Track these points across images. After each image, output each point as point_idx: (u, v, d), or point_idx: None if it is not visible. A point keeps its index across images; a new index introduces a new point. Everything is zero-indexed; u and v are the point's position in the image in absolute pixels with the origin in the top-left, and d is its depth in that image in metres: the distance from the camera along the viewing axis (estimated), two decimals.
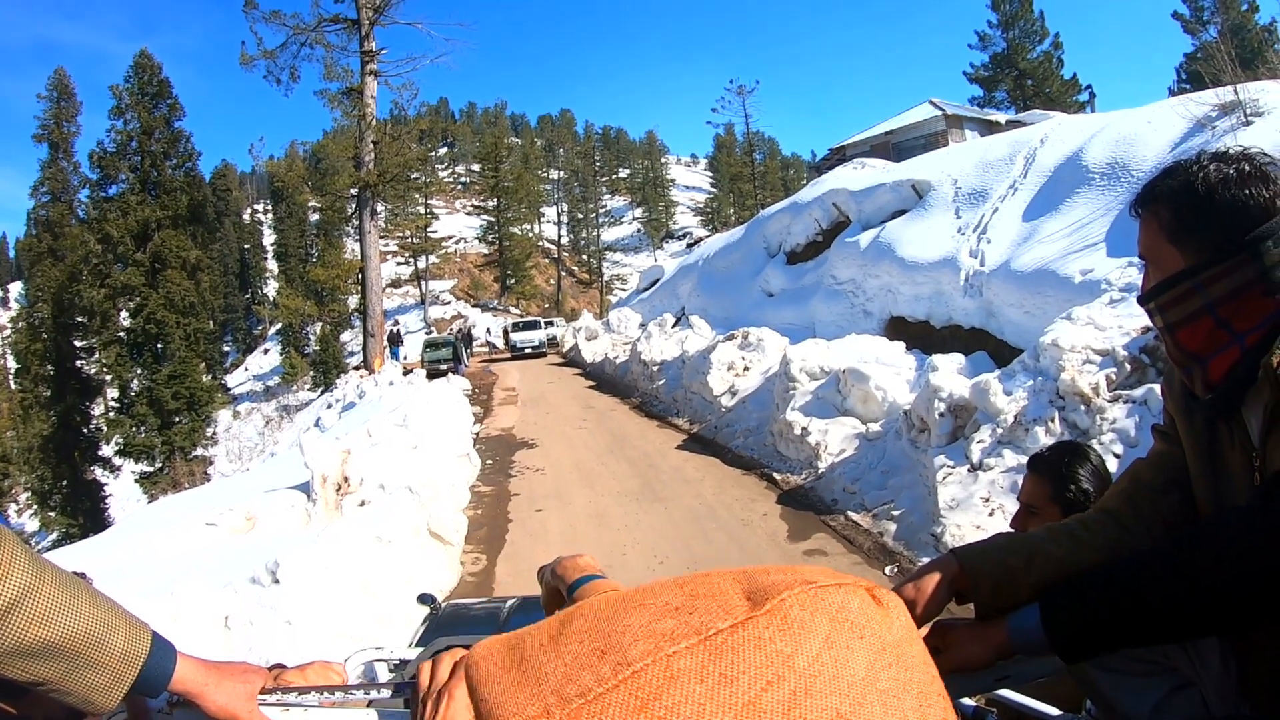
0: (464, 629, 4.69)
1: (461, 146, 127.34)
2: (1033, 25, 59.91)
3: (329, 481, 10.31)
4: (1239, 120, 13.81)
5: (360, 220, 34.57)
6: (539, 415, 21.95)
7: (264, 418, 52.90)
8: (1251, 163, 1.44)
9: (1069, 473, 2.46)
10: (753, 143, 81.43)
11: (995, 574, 1.54)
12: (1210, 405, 1.50)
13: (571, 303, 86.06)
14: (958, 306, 16.46)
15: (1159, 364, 9.45)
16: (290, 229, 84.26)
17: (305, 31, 32.81)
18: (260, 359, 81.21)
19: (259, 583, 7.02)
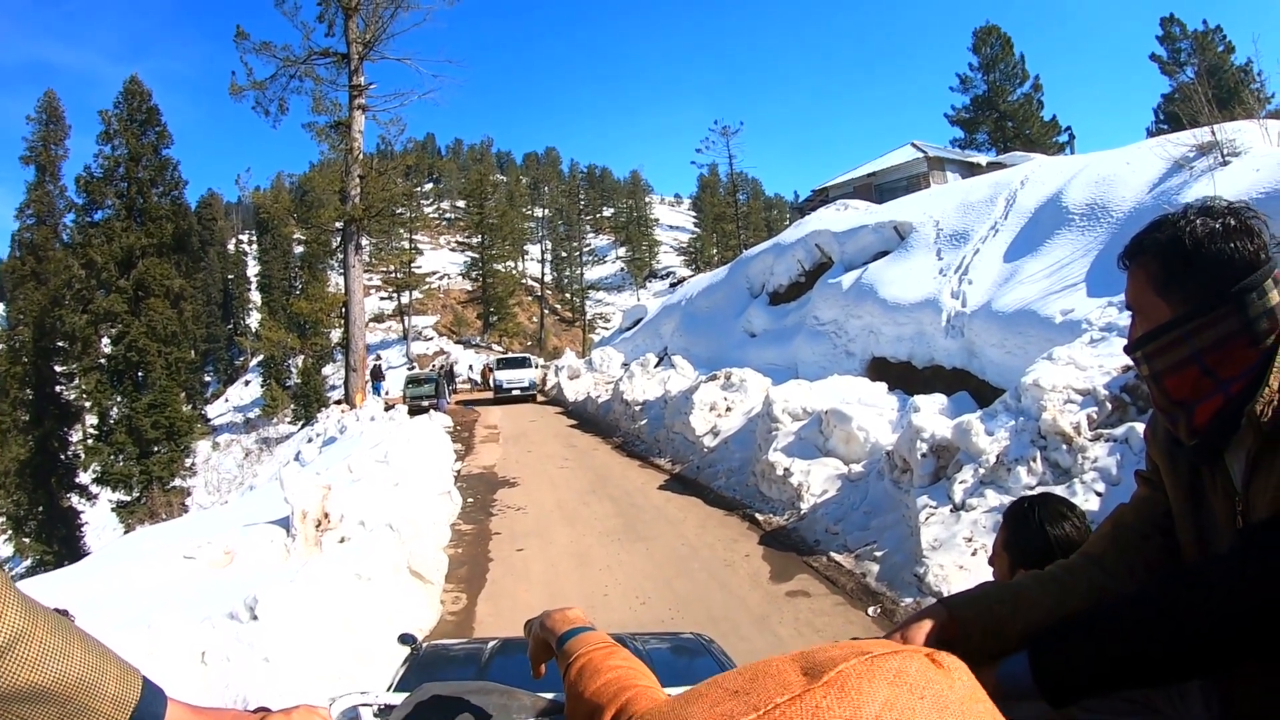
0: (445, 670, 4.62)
1: (447, 182, 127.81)
2: (1013, 68, 60.78)
3: (309, 517, 10.23)
4: (1216, 160, 13.94)
5: (345, 254, 34.56)
6: (521, 453, 21.87)
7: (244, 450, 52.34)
8: (1237, 217, 1.51)
9: (1011, 522, 2.51)
10: (736, 183, 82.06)
11: (984, 622, 1.57)
12: (1195, 451, 1.55)
13: (554, 341, 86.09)
14: (940, 347, 16.51)
15: (1139, 402, 9.52)
16: (275, 261, 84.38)
17: (295, 64, 33.04)
18: (241, 390, 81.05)
19: (237, 619, 6.93)
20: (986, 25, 61.79)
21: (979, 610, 1.58)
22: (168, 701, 1.24)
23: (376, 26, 33.52)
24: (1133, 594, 1.55)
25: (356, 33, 33.18)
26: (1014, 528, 2.48)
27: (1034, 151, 42.80)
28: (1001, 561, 2.51)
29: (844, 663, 0.65)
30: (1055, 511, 2.45)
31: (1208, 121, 15.14)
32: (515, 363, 43.35)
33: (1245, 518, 1.47)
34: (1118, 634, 1.43)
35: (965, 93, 62.30)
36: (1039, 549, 2.33)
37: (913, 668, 0.66)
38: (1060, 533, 2.37)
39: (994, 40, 61.20)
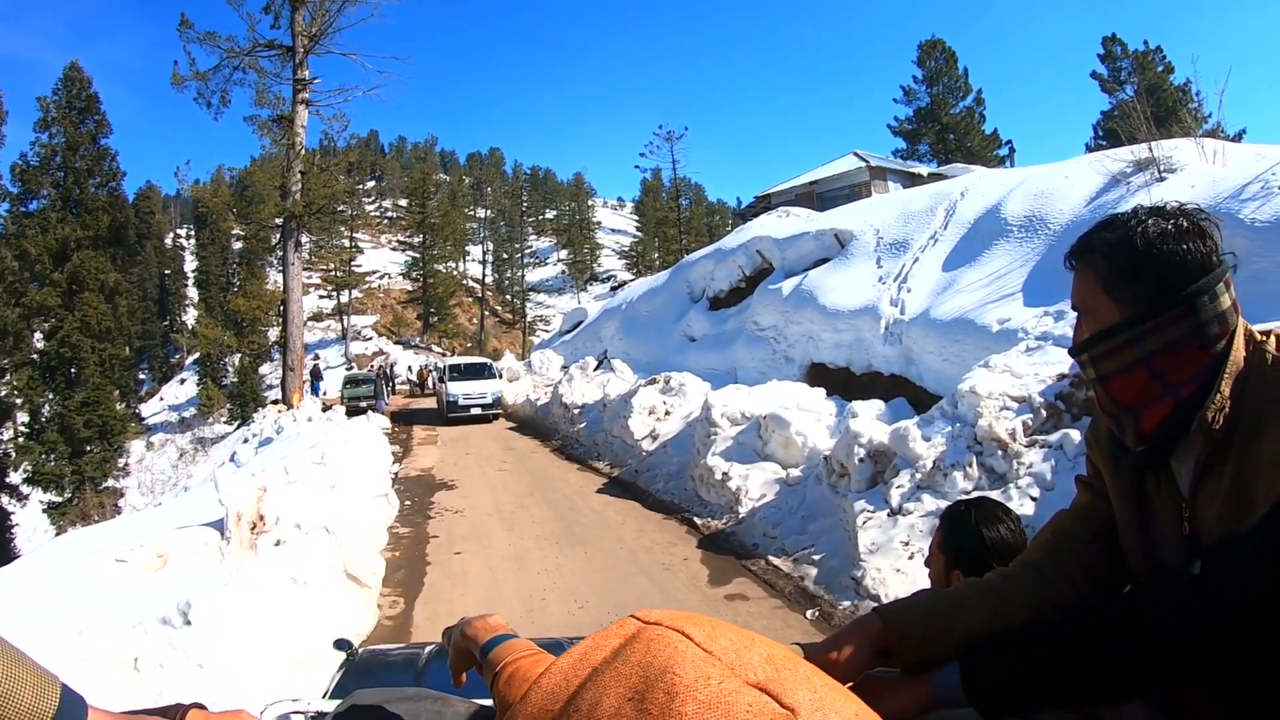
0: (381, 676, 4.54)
1: (389, 180, 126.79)
2: (956, 82, 61.62)
3: (244, 519, 10.05)
4: (1153, 176, 14.19)
5: (284, 251, 34.11)
6: (459, 456, 21.72)
7: (178, 450, 51.46)
8: (1189, 218, 1.48)
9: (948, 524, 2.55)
10: (679, 188, 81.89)
11: (921, 632, 1.55)
12: (1141, 456, 1.54)
13: (494, 343, 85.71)
14: (878, 354, 16.65)
15: (1074, 410, 9.65)
16: (212, 256, 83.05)
17: (239, 55, 32.61)
18: (176, 389, 79.62)
19: (170, 624, 6.79)
20: (932, 39, 62.72)
21: (916, 619, 1.56)
22: (88, 710, 1.18)
23: (323, 20, 33.22)
24: (1071, 608, 1.53)
25: (302, 25, 32.85)
26: (950, 530, 2.51)
27: (974, 164, 43.37)
28: (938, 562, 2.53)
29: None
30: (990, 515, 2.49)
31: (1146, 138, 15.42)
32: (472, 371, 32.76)
33: (1191, 525, 1.47)
34: (1052, 648, 1.42)
35: (909, 104, 63.12)
36: (974, 551, 2.38)
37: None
38: (995, 535, 2.41)
39: (939, 54, 61.98)
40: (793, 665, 0.60)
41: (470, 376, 32.07)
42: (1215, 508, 1.42)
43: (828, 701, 0.56)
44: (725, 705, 0.53)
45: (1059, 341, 11.52)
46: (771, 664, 0.59)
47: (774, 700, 0.54)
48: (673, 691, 0.55)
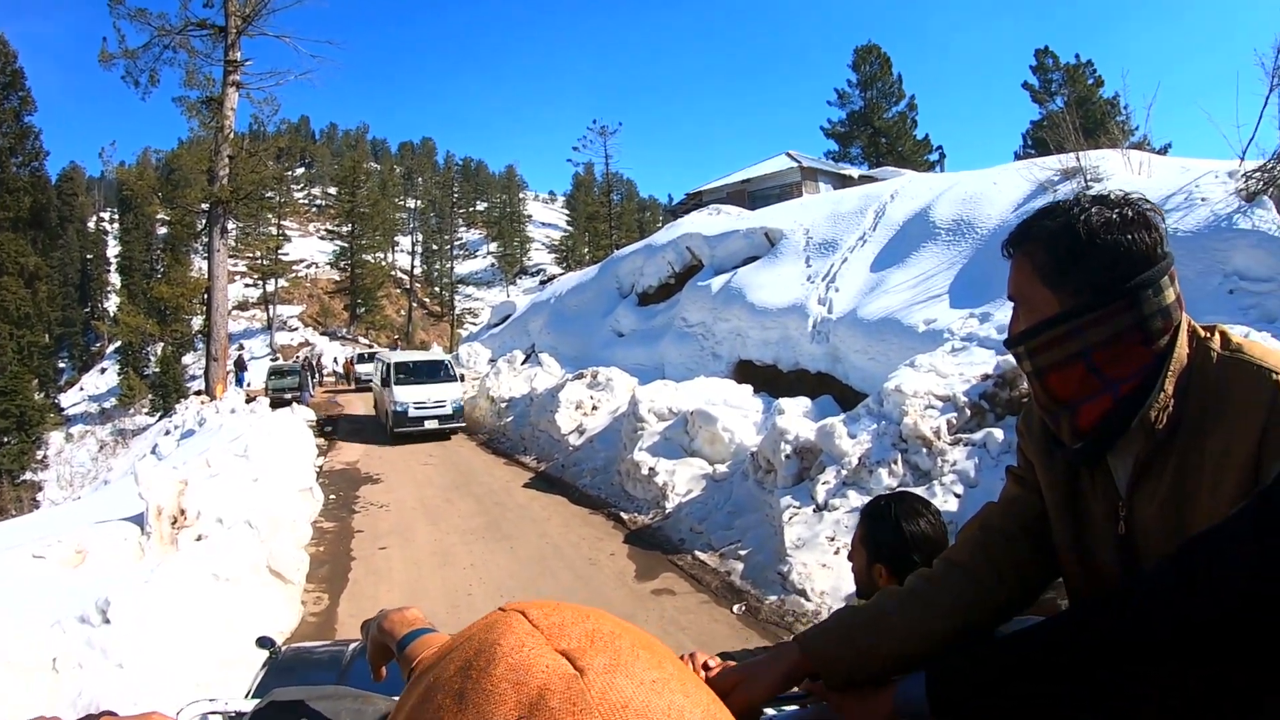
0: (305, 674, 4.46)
1: (319, 168, 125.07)
2: (890, 87, 62.51)
3: (164, 514, 9.86)
4: (1080, 185, 14.47)
5: (210, 237, 33.48)
6: (384, 449, 21.58)
7: (98, 442, 50.10)
8: (1135, 208, 1.43)
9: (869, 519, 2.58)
10: (611, 183, 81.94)
11: (847, 655, 1.50)
12: (1078, 453, 1.49)
13: (422, 335, 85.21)
14: (805, 352, 16.77)
15: (997, 409, 9.83)
16: (137, 241, 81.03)
17: (170, 34, 31.90)
18: (97, 378, 77.68)
19: (88, 622, 6.65)
20: (868, 44, 63.57)
21: (839, 646, 1.51)
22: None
23: (257, 1, 32.62)
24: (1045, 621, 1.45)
25: (236, 6, 32.26)
26: (871, 524, 2.54)
27: (905, 168, 43.98)
28: (859, 556, 2.56)
29: None
30: (910, 509, 2.51)
31: (1074, 148, 15.75)
32: (425, 372, 25.76)
33: (1128, 524, 1.44)
34: (1019, 658, 1.37)
35: (842, 107, 63.85)
36: (894, 544, 2.41)
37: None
38: (915, 529, 2.43)
39: (874, 59, 62.78)
40: (610, 639, 0.63)
41: (423, 379, 25.01)
42: (1154, 507, 1.40)
43: (623, 666, 0.60)
44: (527, 666, 0.58)
45: (984, 342, 11.70)
46: (589, 637, 0.62)
47: (570, 663, 0.59)
48: (491, 657, 0.60)
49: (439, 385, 24.71)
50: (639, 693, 0.57)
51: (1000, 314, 12.38)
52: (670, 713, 0.57)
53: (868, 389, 13.03)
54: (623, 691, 0.57)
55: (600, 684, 0.57)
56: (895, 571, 2.33)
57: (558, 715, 0.54)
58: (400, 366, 25.41)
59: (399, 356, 27.53)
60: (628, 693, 0.57)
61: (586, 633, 0.63)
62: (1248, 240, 10.66)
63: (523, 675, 0.58)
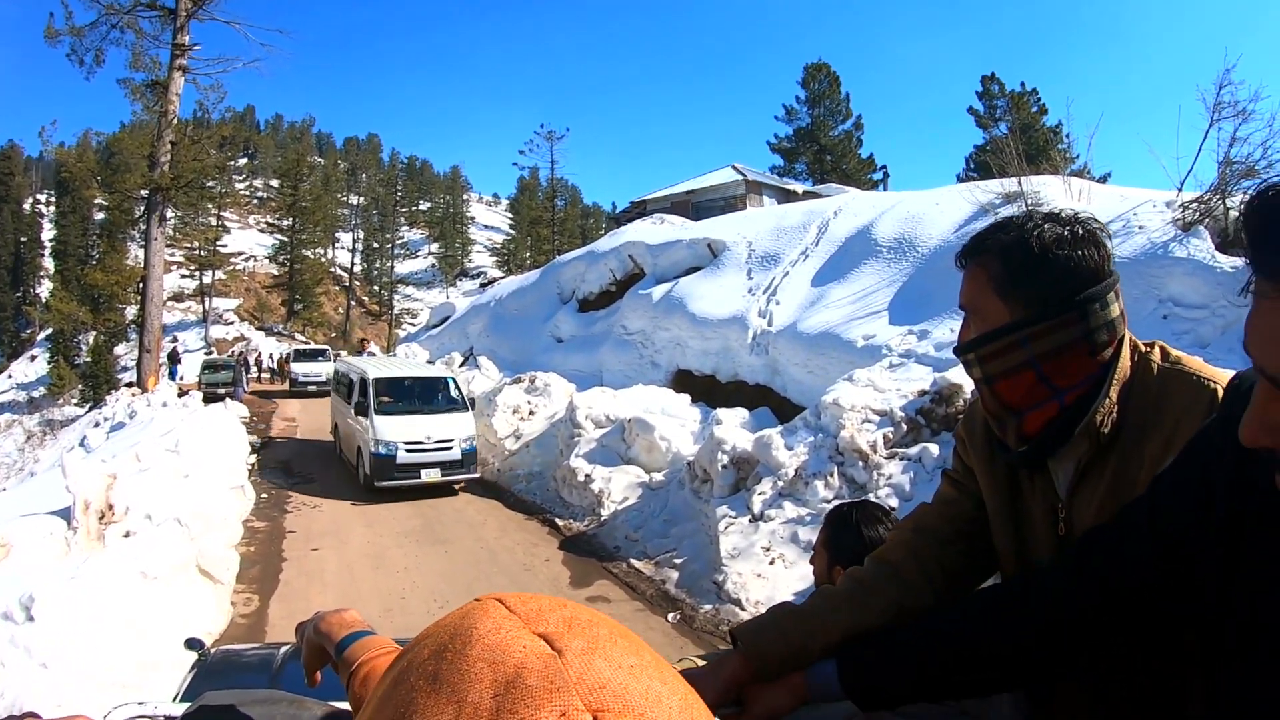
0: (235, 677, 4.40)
1: (262, 159, 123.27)
2: (838, 105, 62.96)
3: (92, 508, 9.66)
4: (1020, 209, 14.66)
5: (148, 225, 32.65)
6: (319, 449, 21.28)
7: (25, 432, 49.01)
8: (1084, 226, 1.51)
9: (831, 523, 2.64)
10: (556, 188, 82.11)
11: (780, 652, 1.55)
12: (1022, 457, 1.55)
13: (359, 333, 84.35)
14: (744, 363, 16.86)
15: (933, 425, 9.97)
16: (73, 225, 79.37)
17: (118, 13, 31.00)
18: (26, 366, 75.91)
19: (11, 619, 6.51)
20: (818, 62, 63.85)
21: (774, 643, 1.56)
22: None
23: None
24: (948, 606, 1.55)
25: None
26: (833, 529, 2.61)
27: (849, 185, 44.35)
28: (820, 559, 2.62)
29: None
30: (871, 515, 2.59)
31: (1016, 173, 16.02)
32: (420, 394, 17.97)
33: (1067, 525, 1.50)
34: (926, 640, 1.44)
35: (789, 123, 64.11)
36: (854, 548, 2.44)
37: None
38: (874, 534, 2.49)
39: (822, 77, 63.19)
40: (588, 625, 0.63)
41: (418, 406, 17.37)
42: (1093, 509, 1.45)
43: (601, 649, 0.59)
44: (504, 648, 0.58)
45: (922, 359, 11.87)
46: (566, 623, 0.62)
47: (548, 644, 0.58)
48: (467, 639, 0.60)
49: (442, 416, 16.99)
50: (617, 675, 0.57)
51: (938, 331, 12.56)
52: (648, 696, 0.57)
53: (806, 402, 13.13)
54: (601, 673, 0.56)
55: (579, 664, 0.56)
56: None
57: (535, 693, 0.54)
58: (382, 385, 17.37)
59: (381, 369, 18.63)
60: (606, 674, 0.56)
61: (564, 619, 0.62)
62: (1183, 268, 10.96)
63: (499, 655, 0.57)
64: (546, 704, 0.53)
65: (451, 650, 0.59)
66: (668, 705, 0.57)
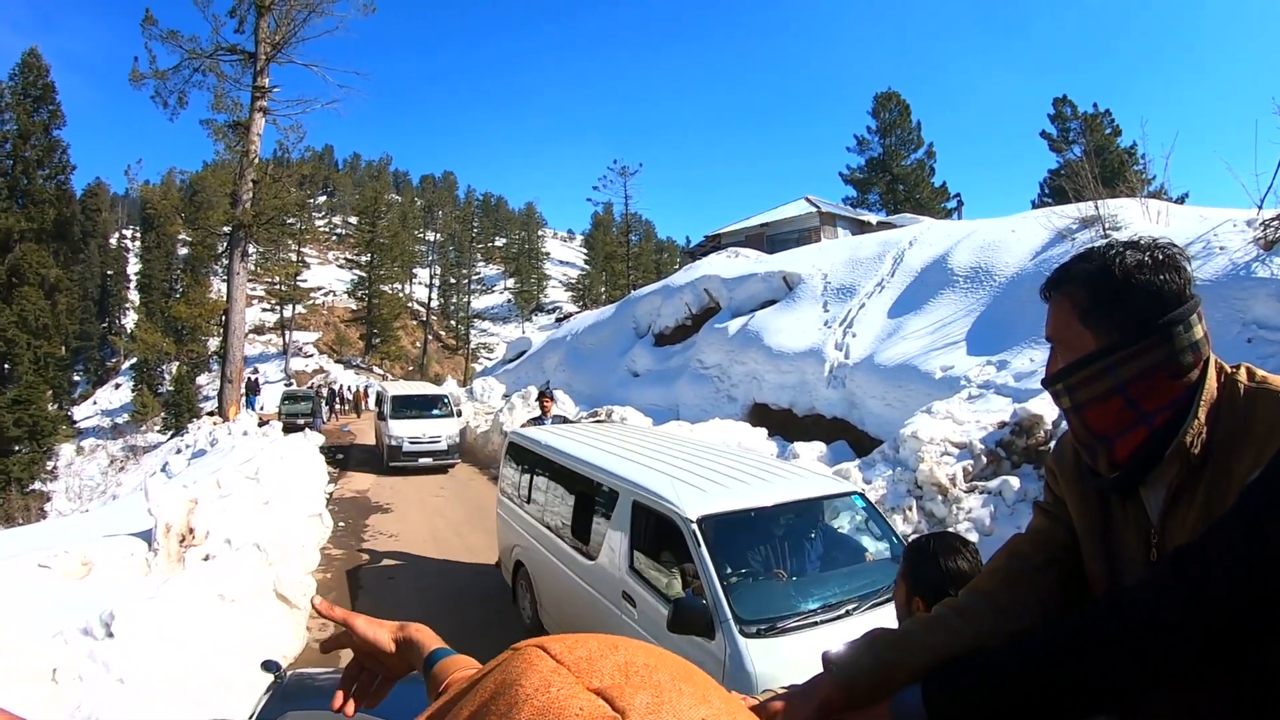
0: (308, 701, 4.42)
1: (341, 197, 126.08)
2: (909, 134, 62.54)
3: (173, 531, 9.86)
4: (1098, 233, 14.48)
5: (230, 260, 33.64)
6: (396, 479, 21.47)
7: (109, 457, 50.02)
8: (1164, 251, 1.50)
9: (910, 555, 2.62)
10: (630, 223, 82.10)
11: (870, 671, 1.54)
12: (1114, 484, 1.54)
13: (436, 368, 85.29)
14: (821, 396, 16.73)
15: (1013, 457, 9.77)
16: (157, 260, 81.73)
17: (200, 57, 32.35)
18: (111, 393, 77.96)
19: (91, 635, 6.61)
20: (887, 91, 63.72)
21: (865, 659, 1.55)
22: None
23: (288, 28, 33.10)
24: (1037, 628, 1.52)
25: (266, 32, 32.69)
26: (912, 560, 2.59)
27: (923, 214, 43.95)
28: (900, 590, 2.59)
29: None
30: (949, 546, 2.57)
31: (1092, 197, 15.78)
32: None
33: (1159, 550, 1.47)
34: (1015, 666, 1.41)
35: (861, 154, 63.99)
36: (933, 580, 2.45)
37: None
38: (953, 565, 2.48)
39: (893, 106, 62.93)
40: (647, 673, 0.58)
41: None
42: (1186, 531, 1.42)
43: (667, 705, 0.54)
44: (558, 709, 0.53)
45: (1001, 390, 11.67)
46: (623, 671, 0.58)
47: (608, 704, 0.53)
48: (514, 700, 0.55)
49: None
50: None
51: (1018, 361, 12.36)
52: None
53: (883, 435, 13.02)
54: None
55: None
56: (932, 606, 2.33)
57: None
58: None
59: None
60: None
61: (619, 666, 0.58)
62: (1266, 289, 10.66)
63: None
64: None
65: (495, 714, 0.55)
66: None
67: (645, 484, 6.63)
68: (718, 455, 7.72)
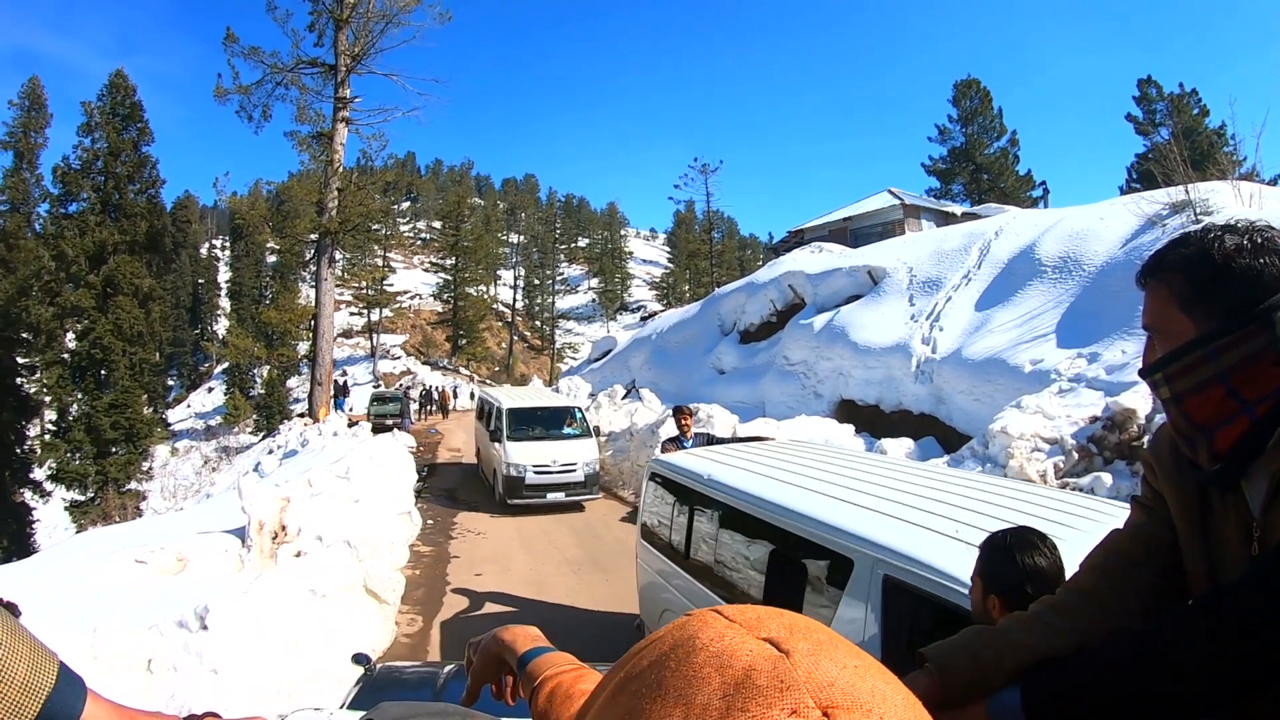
0: (398, 693, 4.50)
1: (424, 202, 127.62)
2: (991, 122, 61.38)
3: (265, 529, 10.07)
4: (1189, 219, 14.15)
5: (317, 266, 34.57)
6: (482, 478, 21.62)
7: (202, 457, 51.22)
8: (1263, 234, 1.43)
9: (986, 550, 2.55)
10: (712, 221, 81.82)
11: (968, 668, 1.53)
12: (1216, 476, 1.48)
13: (522, 368, 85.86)
14: (908, 392, 16.58)
15: (1105, 453, 9.58)
16: (246, 268, 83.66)
17: (282, 71, 33.19)
18: (204, 397, 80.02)
19: (186, 627, 6.78)
20: (967, 79, 62.52)
21: (961, 656, 1.55)
22: (88, 695, 1.13)
23: (366, 40, 33.72)
24: (1135, 629, 1.49)
25: (345, 45, 33.39)
26: (988, 555, 2.51)
27: (1008, 204, 43.16)
28: (976, 587, 2.54)
29: None
30: (1026, 541, 2.48)
31: (1182, 181, 15.41)
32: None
33: (1262, 545, 1.42)
34: (1117, 668, 1.39)
35: (943, 144, 62.94)
36: (1009, 576, 2.38)
37: None
38: (1030, 562, 2.40)
39: (974, 94, 61.88)
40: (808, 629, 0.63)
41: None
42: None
43: (826, 650, 0.59)
44: (730, 652, 0.58)
45: (1092, 384, 11.46)
46: (788, 628, 0.62)
47: (774, 647, 0.58)
48: (691, 649, 0.60)
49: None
50: (844, 674, 0.57)
51: (1109, 354, 12.13)
52: (875, 694, 0.57)
53: (972, 431, 12.86)
54: (828, 672, 0.57)
55: (806, 664, 0.57)
56: (1009, 604, 2.29)
57: (765, 692, 0.55)
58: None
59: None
60: (833, 673, 0.57)
61: (784, 625, 0.63)
62: None
63: (726, 659, 0.58)
64: (778, 702, 0.54)
65: (675, 658, 0.60)
66: (894, 702, 0.57)
67: (906, 550, 4.22)
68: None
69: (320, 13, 33.34)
